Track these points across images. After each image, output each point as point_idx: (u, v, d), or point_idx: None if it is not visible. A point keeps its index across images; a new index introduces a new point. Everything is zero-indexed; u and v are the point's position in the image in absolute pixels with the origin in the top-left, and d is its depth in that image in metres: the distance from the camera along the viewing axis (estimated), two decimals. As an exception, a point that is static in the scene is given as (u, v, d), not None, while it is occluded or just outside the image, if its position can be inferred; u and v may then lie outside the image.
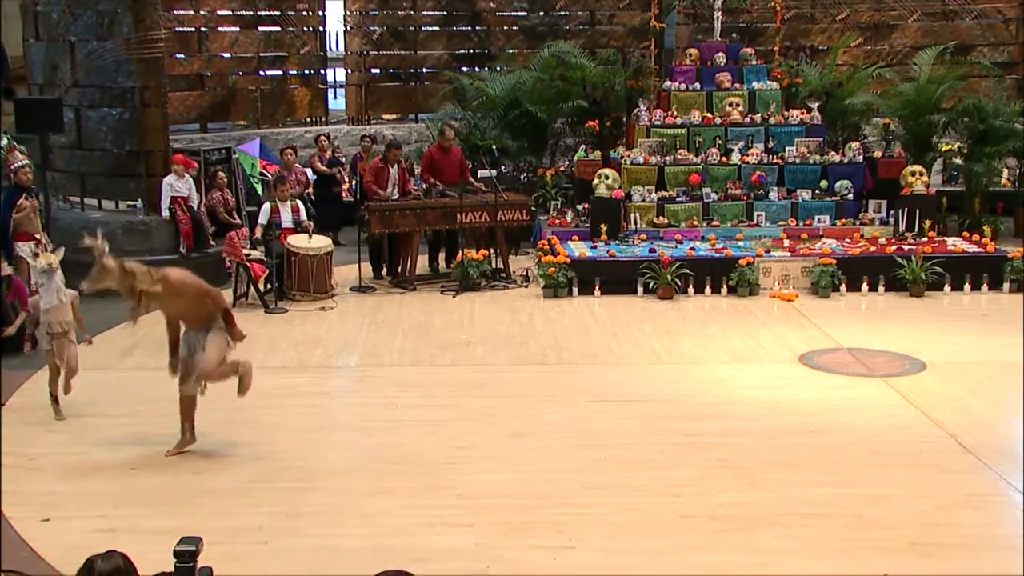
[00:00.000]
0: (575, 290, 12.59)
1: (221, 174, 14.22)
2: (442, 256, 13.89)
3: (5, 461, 7.47)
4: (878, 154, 14.99)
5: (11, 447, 7.72)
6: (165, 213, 12.93)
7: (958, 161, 15.88)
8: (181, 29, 17.50)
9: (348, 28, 19.25)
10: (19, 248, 10.97)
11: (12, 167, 11.96)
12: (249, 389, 7.59)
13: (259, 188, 14.45)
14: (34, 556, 6.14)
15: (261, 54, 18.51)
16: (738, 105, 14.84)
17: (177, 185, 13.01)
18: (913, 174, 13.99)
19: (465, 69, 18.96)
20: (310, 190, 15.24)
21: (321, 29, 19.00)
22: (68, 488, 7.10)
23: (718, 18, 15.73)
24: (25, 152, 12.62)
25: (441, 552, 6.13)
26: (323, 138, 16.50)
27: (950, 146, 16.20)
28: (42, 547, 6.26)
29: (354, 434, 8.30)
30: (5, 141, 12.77)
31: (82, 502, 6.71)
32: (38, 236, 11.59)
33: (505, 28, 19.51)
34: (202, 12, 17.76)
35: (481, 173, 14.19)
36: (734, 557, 6.15)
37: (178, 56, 17.46)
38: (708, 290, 12.58)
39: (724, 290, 12.58)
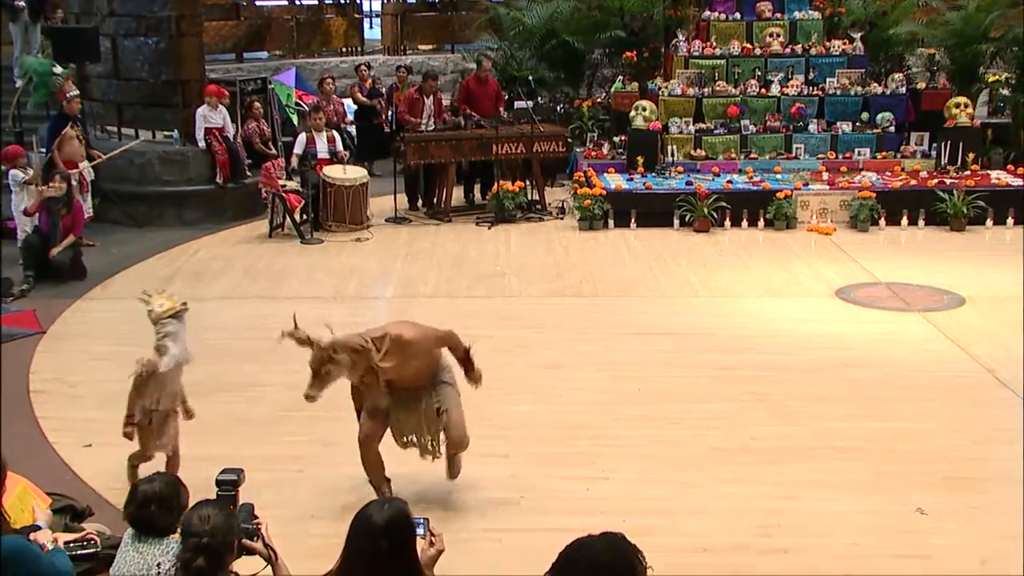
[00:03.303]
0: (611, 222, 12.54)
1: (257, 104, 14.18)
2: (477, 188, 13.87)
3: (46, 388, 7.60)
4: (922, 85, 14.71)
5: (53, 374, 7.85)
6: (201, 143, 12.94)
7: (1005, 92, 15.51)
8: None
9: (384, -44, 19.05)
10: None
11: (67, 95, 12.16)
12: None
13: (295, 119, 14.42)
14: (77, 480, 6.28)
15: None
16: (778, 35, 14.56)
17: (211, 116, 12.99)
18: (958, 106, 13.72)
19: (502, -1, 18.70)
20: (349, 119, 15.19)
21: (357, -43, 18.83)
22: (109, 415, 7.14)
23: (760, -55, 15.37)
24: (75, 82, 12.78)
25: (475, 481, 6.19)
26: (363, 68, 16.39)
27: (997, 76, 15.84)
28: (85, 472, 6.41)
29: (389, 364, 8.33)
30: (61, 69, 12.91)
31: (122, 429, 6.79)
32: (80, 165, 11.74)
33: (542, -44, 19.18)
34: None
35: (517, 104, 14.06)
36: (767, 489, 6.17)
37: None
38: (745, 223, 12.47)
39: (761, 223, 12.47)
